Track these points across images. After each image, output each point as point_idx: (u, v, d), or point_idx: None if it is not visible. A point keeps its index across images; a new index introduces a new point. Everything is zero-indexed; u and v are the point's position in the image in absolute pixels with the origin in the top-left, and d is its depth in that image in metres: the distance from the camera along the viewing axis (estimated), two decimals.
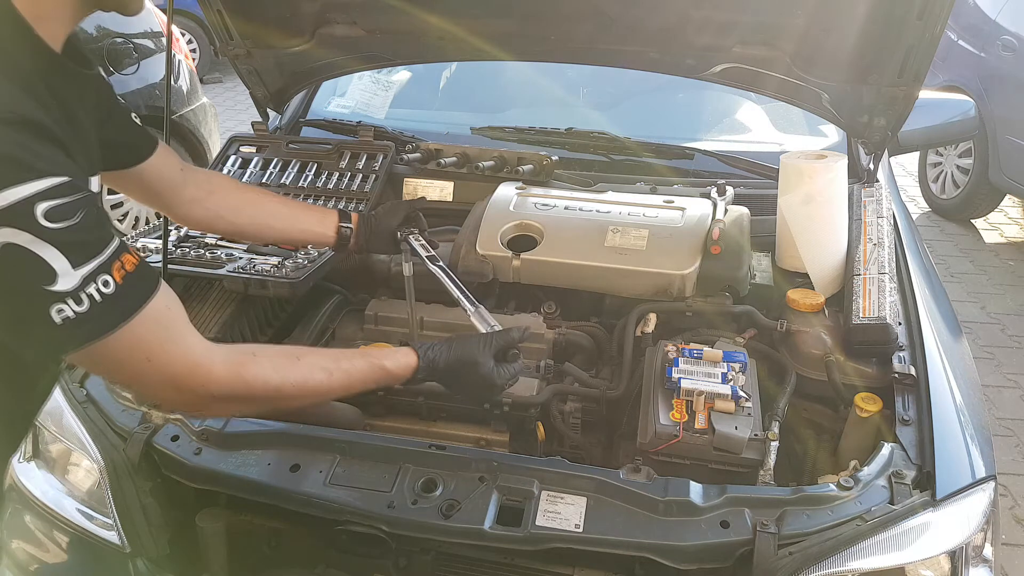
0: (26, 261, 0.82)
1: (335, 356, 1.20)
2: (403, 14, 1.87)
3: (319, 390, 1.14)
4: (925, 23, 1.57)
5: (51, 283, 0.83)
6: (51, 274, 0.83)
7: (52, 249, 0.83)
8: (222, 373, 1.01)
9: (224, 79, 7.99)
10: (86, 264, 0.86)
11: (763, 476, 1.35)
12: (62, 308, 0.84)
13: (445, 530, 1.22)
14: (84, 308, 0.85)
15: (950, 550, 1.21)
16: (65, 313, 0.85)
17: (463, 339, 1.31)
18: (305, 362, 1.13)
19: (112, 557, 1.40)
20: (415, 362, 1.24)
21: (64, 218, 0.83)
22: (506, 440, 1.54)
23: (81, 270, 0.85)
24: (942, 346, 1.58)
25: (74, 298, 0.85)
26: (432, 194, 2.16)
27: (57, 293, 0.84)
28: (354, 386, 1.19)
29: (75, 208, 0.85)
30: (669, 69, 2.07)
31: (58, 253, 0.83)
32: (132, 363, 0.94)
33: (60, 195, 0.83)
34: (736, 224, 1.81)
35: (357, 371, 1.18)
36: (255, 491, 1.31)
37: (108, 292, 0.87)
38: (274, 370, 1.08)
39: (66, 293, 0.84)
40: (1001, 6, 4.76)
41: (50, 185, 0.83)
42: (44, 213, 0.82)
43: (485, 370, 1.27)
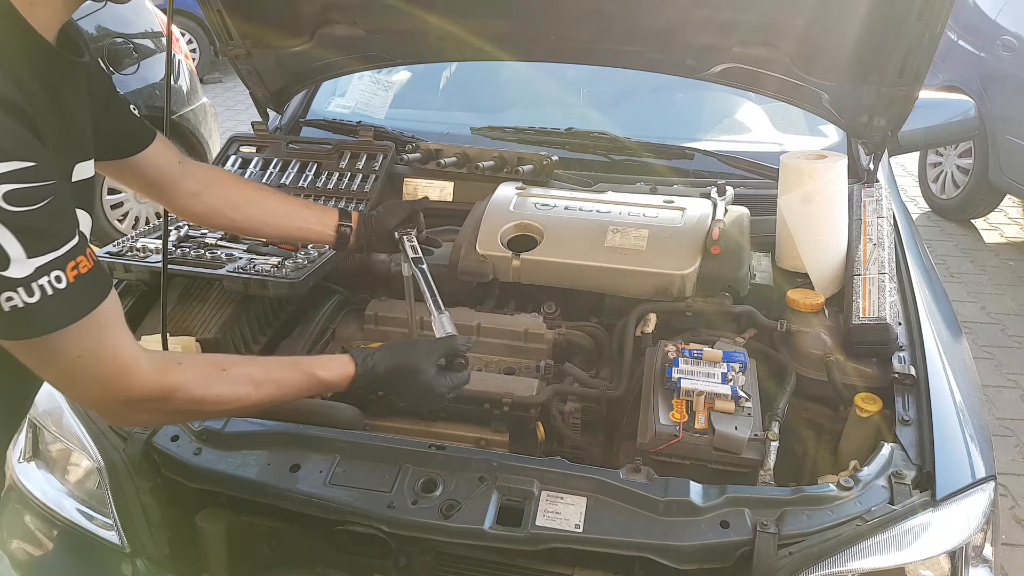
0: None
1: (266, 367, 1.17)
2: (403, 14, 1.87)
3: (243, 404, 1.11)
4: (925, 23, 1.57)
5: (3, 269, 0.82)
6: (4, 259, 0.82)
7: (7, 232, 0.82)
8: (145, 380, 0.99)
9: (224, 79, 7.99)
10: (41, 255, 0.84)
11: (763, 476, 1.35)
12: (11, 296, 0.83)
13: (445, 530, 1.22)
14: (34, 300, 0.84)
15: (950, 550, 1.21)
16: (14, 302, 0.83)
17: (405, 345, 1.29)
18: (232, 374, 1.10)
19: (112, 557, 1.40)
20: (352, 370, 1.21)
21: (25, 203, 0.82)
22: (506, 440, 1.54)
23: (35, 260, 0.84)
24: (942, 346, 1.58)
25: (25, 288, 0.83)
26: (432, 194, 2.16)
27: (8, 279, 0.83)
28: (285, 397, 1.17)
29: (39, 195, 0.84)
30: (669, 69, 2.07)
31: (13, 237, 0.82)
32: (63, 361, 0.92)
33: (24, 179, 0.82)
34: (736, 224, 1.81)
35: (288, 381, 1.16)
36: (255, 491, 1.31)
37: (60, 288, 0.86)
38: (197, 382, 1.05)
39: (17, 281, 0.83)
40: (1001, 6, 4.76)
41: (15, 168, 0.82)
42: (4, 195, 0.81)
43: (426, 377, 1.24)
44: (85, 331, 0.91)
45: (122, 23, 3.96)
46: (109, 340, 0.96)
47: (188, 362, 1.08)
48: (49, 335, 0.88)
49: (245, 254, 1.79)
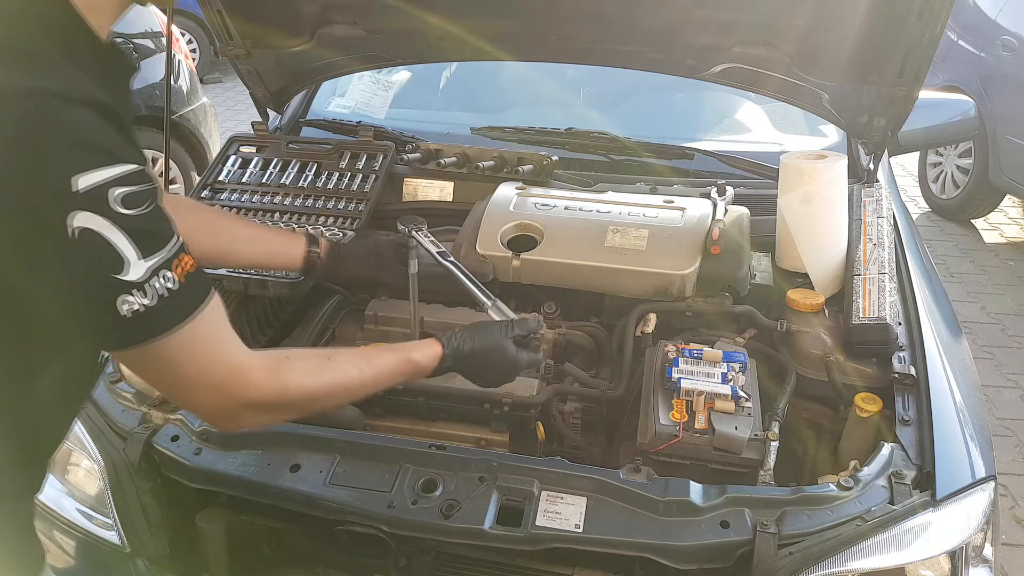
0: (100, 247, 0.81)
1: (363, 354, 1.19)
2: (403, 14, 1.87)
3: (351, 389, 1.14)
4: (925, 23, 1.57)
5: (121, 272, 0.82)
6: (121, 263, 0.82)
7: (124, 236, 0.82)
8: (261, 379, 0.99)
9: (224, 79, 7.99)
10: (153, 256, 0.85)
11: (763, 476, 1.35)
12: (128, 299, 0.83)
13: (445, 530, 1.22)
14: (149, 302, 0.84)
15: (950, 550, 1.21)
16: (132, 305, 0.84)
17: (484, 326, 1.32)
18: (336, 362, 1.12)
19: (112, 557, 1.40)
20: (440, 351, 1.25)
21: (137, 205, 0.83)
22: (506, 440, 1.54)
23: (148, 261, 0.84)
24: (942, 346, 1.58)
25: (140, 290, 0.84)
26: (432, 194, 2.16)
27: (126, 283, 0.83)
28: (383, 381, 1.19)
29: (146, 197, 0.84)
30: (669, 69, 2.07)
31: (129, 241, 0.82)
32: (178, 366, 0.92)
33: (134, 182, 0.83)
34: (736, 224, 1.81)
35: (386, 366, 1.19)
36: (255, 491, 1.31)
37: (172, 288, 0.86)
38: (309, 374, 1.07)
39: (134, 284, 0.83)
40: (1001, 6, 4.76)
41: (126, 171, 0.82)
42: (119, 199, 0.81)
43: (508, 354, 1.30)
44: (197, 330, 0.91)
45: (122, 23, 3.89)
46: (220, 340, 0.96)
47: (295, 356, 1.09)
48: (165, 337, 0.88)
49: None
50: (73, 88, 0.81)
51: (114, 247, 0.82)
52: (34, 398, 0.99)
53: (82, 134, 0.81)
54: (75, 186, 0.78)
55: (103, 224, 0.81)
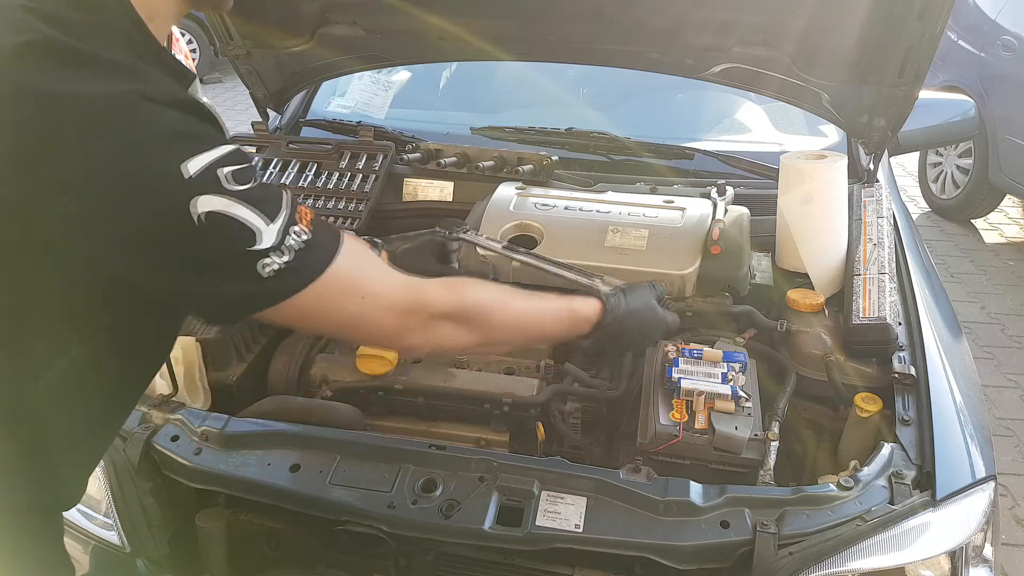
0: (228, 226, 0.82)
1: (528, 292, 1.20)
2: (403, 14, 1.87)
3: (521, 319, 1.16)
4: (925, 23, 1.57)
5: (254, 243, 0.84)
6: (252, 234, 0.84)
7: (246, 208, 0.83)
8: (439, 291, 1.03)
9: (224, 79, 7.99)
10: (278, 217, 0.86)
11: (763, 476, 1.35)
12: (271, 261, 0.85)
13: (445, 530, 1.22)
14: (289, 259, 0.86)
15: (950, 550, 1.21)
16: (273, 266, 0.85)
17: (635, 287, 1.35)
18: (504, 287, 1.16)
19: (112, 557, 1.40)
20: (600, 307, 1.26)
21: (247, 180, 0.84)
22: (506, 440, 1.54)
23: (277, 223, 0.86)
24: (942, 346, 1.58)
25: (278, 251, 0.85)
26: (432, 194, 2.16)
27: (262, 251, 0.84)
28: (546, 322, 1.21)
29: (251, 172, 0.86)
30: (669, 69, 2.07)
31: (252, 211, 0.84)
32: (349, 302, 0.94)
33: (237, 161, 0.84)
34: (736, 224, 1.81)
35: (550, 307, 1.20)
36: (255, 491, 1.31)
37: (304, 240, 0.88)
38: (483, 288, 1.10)
39: (271, 248, 0.85)
40: (1001, 6, 4.76)
41: (226, 151, 0.84)
42: (230, 176, 0.82)
43: (659, 314, 1.34)
44: (350, 267, 0.93)
45: None
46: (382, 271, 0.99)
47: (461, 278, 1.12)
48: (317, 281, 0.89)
49: None
50: (158, 90, 0.82)
51: (242, 222, 0.83)
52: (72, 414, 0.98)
53: (178, 126, 0.82)
54: (187, 173, 0.79)
55: (224, 203, 0.82)
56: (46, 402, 0.94)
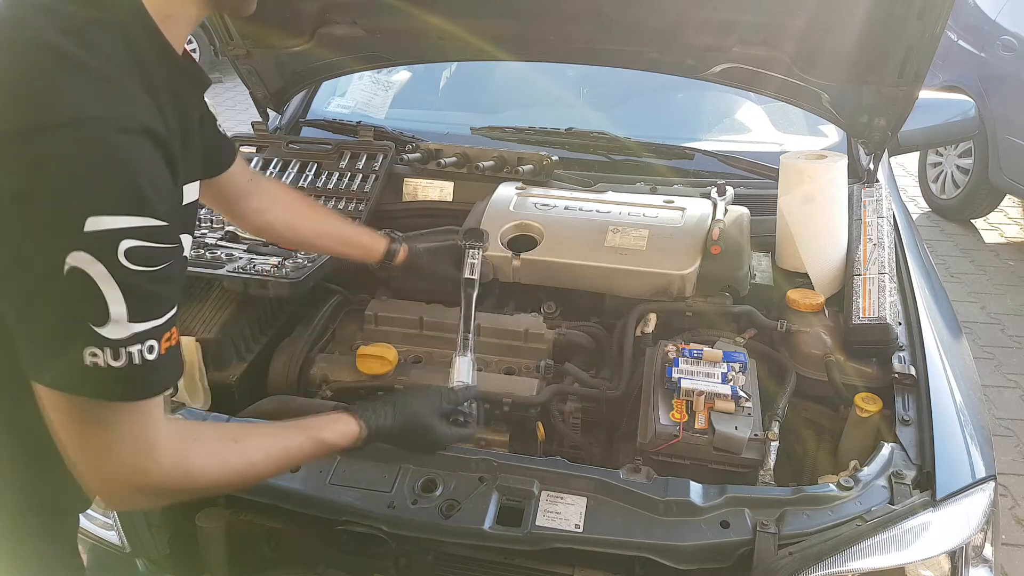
0: (86, 293, 0.76)
1: (272, 434, 1.08)
2: (403, 14, 1.87)
3: (256, 475, 1.04)
4: (925, 23, 1.57)
5: (100, 325, 0.77)
6: (104, 316, 0.77)
7: (117, 291, 0.76)
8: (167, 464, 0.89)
9: (224, 79, 7.98)
10: (142, 322, 0.79)
11: (763, 476, 1.35)
12: (96, 353, 0.77)
13: (445, 530, 1.22)
14: (118, 364, 0.78)
15: (950, 550, 1.21)
16: (97, 360, 0.77)
17: (408, 398, 1.24)
18: (243, 445, 1.02)
19: (112, 557, 1.40)
20: (356, 431, 1.14)
21: (144, 263, 0.78)
22: (506, 440, 1.54)
23: (136, 325, 0.78)
24: (942, 346, 1.58)
25: (114, 350, 0.78)
26: (432, 194, 2.16)
27: (100, 338, 0.77)
28: (292, 463, 1.11)
29: (160, 256, 0.80)
30: (669, 69, 2.07)
31: (121, 297, 0.77)
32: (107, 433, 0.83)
33: (150, 238, 0.78)
34: (736, 224, 1.81)
35: (295, 448, 1.07)
36: (255, 491, 1.31)
37: (149, 359, 0.80)
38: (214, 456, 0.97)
39: (108, 341, 0.77)
40: (1001, 6, 4.76)
41: (145, 225, 0.77)
42: (127, 251, 0.76)
43: (432, 431, 1.22)
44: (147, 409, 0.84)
45: None
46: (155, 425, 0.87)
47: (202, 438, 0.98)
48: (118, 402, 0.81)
49: (245, 254, 1.79)
50: (129, 115, 0.78)
51: (102, 297, 0.76)
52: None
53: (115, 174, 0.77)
54: (88, 227, 0.74)
55: (101, 272, 0.75)
56: None
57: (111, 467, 0.86)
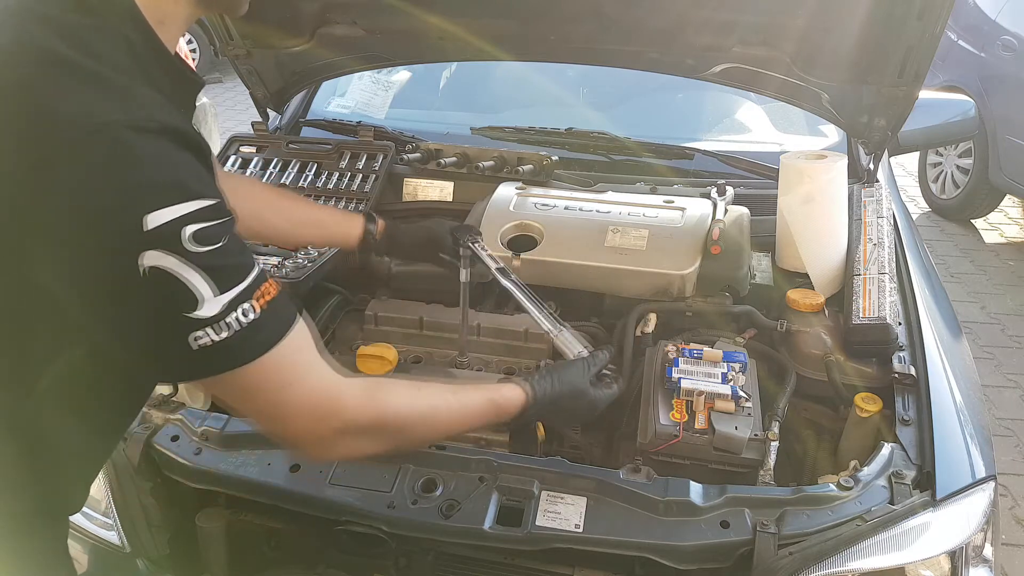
0: (171, 287, 0.79)
1: (451, 388, 1.13)
2: (403, 14, 1.87)
3: (439, 421, 1.10)
4: (925, 23, 1.57)
5: (194, 309, 0.80)
6: (194, 301, 0.80)
7: (196, 273, 0.79)
8: (356, 403, 0.96)
9: (224, 79, 7.98)
10: (229, 291, 0.82)
11: (763, 476, 1.35)
12: (200, 336, 0.81)
13: (445, 530, 1.22)
14: (224, 336, 0.82)
15: (950, 550, 1.21)
16: (203, 340, 0.81)
17: (564, 369, 1.29)
18: (427, 392, 1.08)
19: (112, 557, 1.40)
20: (524, 400, 1.19)
21: (210, 241, 0.80)
22: (506, 440, 1.53)
23: (224, 296, 0.81)
24: (942, 346, 1.58)
25: (215, 326, 0.81)
26: (432, 194, 2.16)
27: (199, 320, 0.80)
28: (468, 419, 1.15)
29: (221, 232, 0.82)
30: (669, 69, 2.07)
31: (202, 277, 0.80)
32: (265, 393, 0.89)
33: (208, 218, 0.80)
34: (736, 224, 1.81)
35: (472, 403, 1.14)
36: (255, 491, 1.31)
37: (248, 321, 0.83)
38: (404, 399, 1.04)
39: (208, 320, 0.80)
40: (1001, 6, 4.76)
41: (198, 207, 0.79)
42: (192, 236, 0.78)
43: (589, 397, 1.28)
44: (281, 362, 0.88)
45: None
46: (308, 365, 0.92)
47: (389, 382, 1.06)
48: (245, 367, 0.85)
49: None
50: (148, 116, 0.79)
51: (186, 285, 0.79)
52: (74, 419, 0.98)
53: (154, 170, 0.79)
54: (146, 225, 0.76)
55: (175, 263, 0.78)
56: (47, 406, 0.93)
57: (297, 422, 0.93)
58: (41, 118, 0.78)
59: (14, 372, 0.91)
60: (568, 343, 1.44)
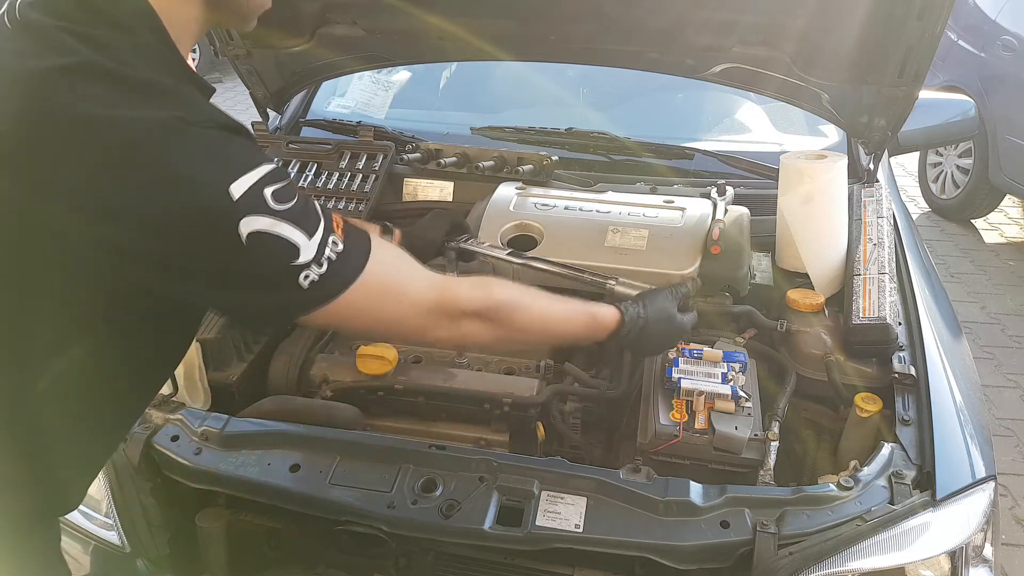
0: (272, 244, 0.86)
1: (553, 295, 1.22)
2: (403, 14, 1.87)
3: (544, 316, 1.18)
4: (925, 23, 1.57)
5: (296, 257, 0.88)
6: (295, 249, 0.88)
7: (289, 226, 0.87)
8: (468, 291, 1.07)
9: (224, 79, 7.98)
10: (316, 231, 0.90)
11: (763, 476, 1.35)
12: (307, 274, 0.89)
13: (445, 530, 1.22)
14: (327, 268, 0.91)
15: (950, 550, 1.21)
16: (312, 276, 0.90)
17: (652, 295, 1.35)
18: (531, 292, 1.17)
19: (112, 557, 1.40)
20: (619, 316, 1.27)
21: (288, 198, 0.88)
22: (506, 440, 1.54)
23: (315, 238, 0.90)
24: (942, 346, 1.58)
25: (317, 263, 0.90)
26: (432, 194, 2.16)
27: (303, 264, 0.89)
28: (568, 324, 1.23)
29: (292, 189, 0.90)
30: (669, 69, 2.07)
31: (295, 228, 0.88)
32: (381, 304, 0.99)
33: (278, 179, 0.88)
34: (736, 224, 1.81)
35: (574, 310, 1.23)
36: (255, 491, 1.31)
37: (339, 249, 0.93)
38: (512, 289, 1.13)
39: (310, 262, 0.89)
40: (1001, 6, 4.76)
41: (268, 170, 0.87)
42: (272, 195, 0.86)
43: (678, 321, 1.34)
44: (384, 271, 0.99)
45: None
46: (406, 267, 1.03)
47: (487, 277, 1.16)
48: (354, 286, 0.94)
49: None
50: (199, 113, 0.86)
51: (284, 239, 0.87)
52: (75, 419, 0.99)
53: (220, 148, 0.85)
54: (234, 195, 0.82)
55: (270, 223, 0.85)
56: (47, 406, 0.94)
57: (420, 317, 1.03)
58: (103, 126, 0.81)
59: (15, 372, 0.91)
60: (629, 285, 1.46)
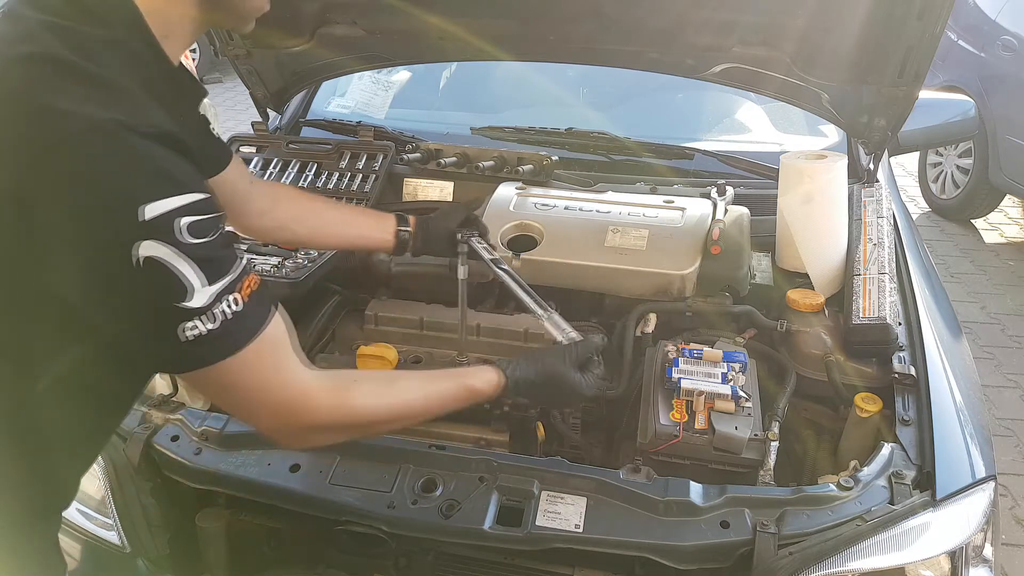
0: (164, 276, 0.82)
1: (425, 378, 1.18)
2: (403, 14, 1.87)
3: (412, 414, 1.13)
4: (925, 23, 1.57)
5: (185, 299, 0.83)
6: (185, 291, 0.83)
7: (188, 264, 0.83)
8: (326, 403, 1.00)
9: (224, 79, 7.99)
10: (218, 281, 0.85)
11: (763, 476, 1.35)
12: (194, 325, 0.84)
13: (445, 530, 1.22)
14: (214, 326, 0.85)
15: (950, 550, 1.21)
16: (197, 331, 0.84)
17: (544, 354, 1.29)
18: (399, 386, 1.12)
19: (112, 557, 1.40)
20: (499, 381, 1.22)
21: (203, 234, 0.83)
22: (506, 440, 1.53)
23: (214, 287, 0.85)
24: (942, 346, 1.58)
25: (205, 316, 0.85)
26: (432, 194, 2.16)
27: (189, 310, 0.84)
28: (445, 407, 1.18)
29: (213, 225, 0.85)
30: (669, 69, 2.07)
31: (193, 269, 0.83)
32: (243, 387, 0.93)
33: (201, 211, 0.84)
34: (736, 224, 1.81)
35: (448, 392, 1.17)
36: (255, 491, 1.31)
37: (236, 311, 0.87)
38: (374, 396, 1.08)
39: (198, 310, 0.84)
40: (1001, 6, 4.76)
41: (194, 200, 0.83)
42: (186, 227, 0.82)
43: (572, 383, 1.26)
44: (261, 354, 0.92)
45: None
46: (283, 361, 0.96)
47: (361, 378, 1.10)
48: (228, 360, 0.88)
49: (245, 254, 1.79)
50: (144, 120, 0.83)
51: (178, 275, 0.82)
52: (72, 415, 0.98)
53: (150, 164, 0.82)
54: (142, 215, 0.79)
55: (168, 253, 0.81)
56: (46, 404, 0.94)
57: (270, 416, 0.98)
58: (43, 114, 0.80)
59: (16, 372, 0.91)
60: (557, 326, 1.42)
